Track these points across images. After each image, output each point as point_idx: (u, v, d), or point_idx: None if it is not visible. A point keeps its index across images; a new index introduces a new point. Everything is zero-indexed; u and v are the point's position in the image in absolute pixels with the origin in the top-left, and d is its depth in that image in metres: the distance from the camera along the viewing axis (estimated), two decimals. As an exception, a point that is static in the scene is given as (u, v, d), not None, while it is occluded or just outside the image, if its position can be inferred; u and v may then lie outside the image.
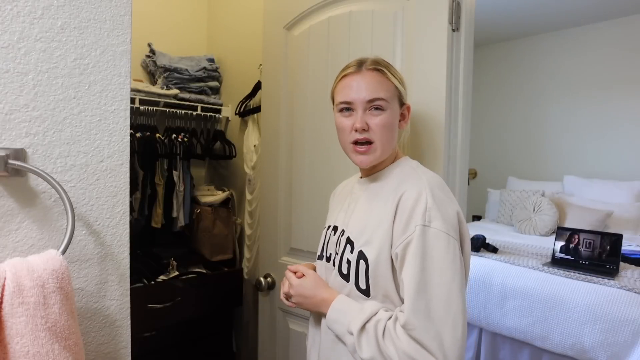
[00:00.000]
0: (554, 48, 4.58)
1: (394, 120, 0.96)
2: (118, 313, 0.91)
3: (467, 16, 1.22)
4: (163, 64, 2.29)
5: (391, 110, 0.95)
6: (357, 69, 0.96)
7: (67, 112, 0.83)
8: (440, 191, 0.89)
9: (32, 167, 0.76)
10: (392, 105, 0.95)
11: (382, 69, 0.95)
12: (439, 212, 0.84)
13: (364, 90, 0.93)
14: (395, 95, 0.96)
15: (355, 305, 0.91)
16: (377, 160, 0.96)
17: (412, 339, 0.80)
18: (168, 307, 2.01)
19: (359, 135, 0.94)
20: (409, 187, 0.90)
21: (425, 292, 0.81)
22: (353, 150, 0.96)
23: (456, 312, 0.80)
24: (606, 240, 2.47)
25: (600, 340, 2.04)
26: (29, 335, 0.66)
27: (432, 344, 0.78)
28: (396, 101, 0.96)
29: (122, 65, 0.90)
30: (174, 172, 2.24)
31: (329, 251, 1.04)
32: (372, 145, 0.94)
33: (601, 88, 4.24)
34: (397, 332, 0.82)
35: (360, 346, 0.85)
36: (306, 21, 1.53)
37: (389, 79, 0.95)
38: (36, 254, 0.74)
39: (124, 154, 0.91)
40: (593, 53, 4.30)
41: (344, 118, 0.97)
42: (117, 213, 0.91)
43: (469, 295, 2.54)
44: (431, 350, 0.78)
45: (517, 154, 4.88)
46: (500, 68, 5.02)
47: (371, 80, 0.94)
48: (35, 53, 0.79)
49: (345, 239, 0.98)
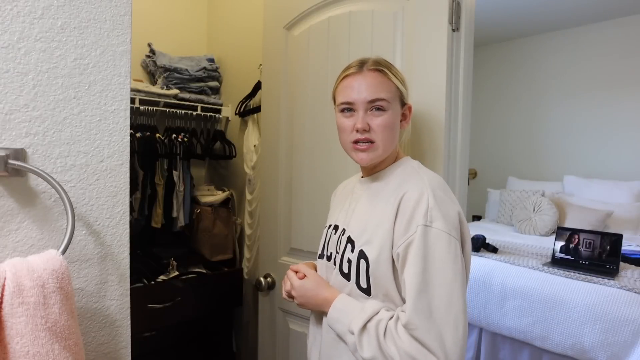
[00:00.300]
0: (554, 48, 4.58)
1: (395, 120, 0.96)
2: (118, 313, 0.91)
3: (467, 16, 1.22)
4: (163, 64, 2.29)
5: (392, 111, 0.95)
6: (358, 70, 0.96)
7: (67, 112, 0.83)
8: (441, 192, 0.89)
9: (32, 167, 0.76)
10: (394, 105, 0.95)
11: (383, 70, 0.95)
12: (441, 213, 0.85)
13: (365, 91, 0.93)
14: (397, 96, 0.96)
15: (357, 305, 0.91)
16: (377, 159, 0.96)
17: (413, 338, 0.80)
18: (168, 307, 2.01)
19: (360, 135, 0.94)
20: (411, 188, 0.90)
21: (426, 292, 0.81)
22: (353, 149, 0.96)
23: (457, 312, 0.81)
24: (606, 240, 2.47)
25: (600, 340, 2.04)
26: (29, 335, 0.66)
27: (434, 344, 0.78)
28: (397, 101, 0.96)
29: (122, 65, 0.90)
30: (174, 172, 2.24)
31: (330, 250, 1.04)
32: (373, 144, 0.94)
33: (601, 88, 4.25)
34: (398, 332, 0.82)
35: (362, 345, 0.86)
36: (306, 21, 1.53)
37: (390, 80, 0.95)
38: (36, 254, 0.74)
39: (124, 154, 0.91)
40: (594, 53, 4.30)
41: (345, 118, 0.97)
42: (117, 213, 0.91)
43: (469, 296, 2.54)
44: (433, 350, 0.78)
45: (517, 154, 4.88)
46: (500, 68, 5.02)
47: (372, 81, 0.94)
48: (35, 53, 0.79)
49: (346, 238, 0.99)
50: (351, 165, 1.36)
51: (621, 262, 2.49)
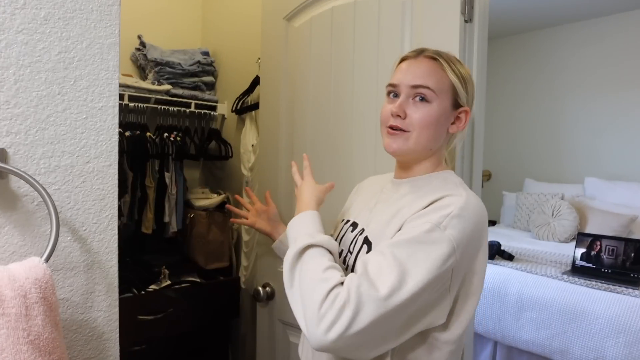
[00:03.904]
0: (572, 40, 4.57)
1: (440, 116, 0.91)
2: (106, 325, 0.91)
3: (481, 6, 1.22)
4: (154, 58, 2.29)
5: (439, 105, 0.91)
6: (415, 55, 0.95)
7: (51, 109, 0.83)
8: (474, 213, 0.85)
9: (13, 168, 0.76)
10: (441, 99, 0.91)
11: (439, 60, 0.93)
12: (461, 225, 0.81)
13: (411, 74, 0.91)
14: (449, 91, 0.92)
15: (309, 228, 0.93)
16: (406, 152, 0.93)
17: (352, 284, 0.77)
18: (159, 318, 2.01)
19: (393, 121, 0.92)
20: (448, 195, 0.87)
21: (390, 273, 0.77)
22: (386, 133, 0.94)
23: (404, 322, 0.77)
24: (630, 247, 2.47)
25: (624, 354, 2.03)
26: (9, 349, 0.66)
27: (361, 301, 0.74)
28: (448, 97, 0.92)
29: (110, 59, 0.90)
30: (165, 174, 2.24)
31: (342, 247, 1.03)
32: (405, 133, 0.91)
33: (623, 83, 4.23)
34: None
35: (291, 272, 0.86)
36: (308, 11, 1.53)
37: (444, 71, 0.92)
38: (18, 262, 0.73)
39: (112, 154, 0.91)
40: (615, 45, 4.28)
41: (386, 103, 0.96)
42: (104, 218, 0.90)
43: (482, 306, 2.53)
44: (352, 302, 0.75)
45: (534, 154, 4.87)
46: (516, 62, 5.01)
47: (424, 67, 0.91)
48: (17, 46, 0.79)
49: (363, 238, 0.96)
50: (358, 165, 1.36)
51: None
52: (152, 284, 2.16)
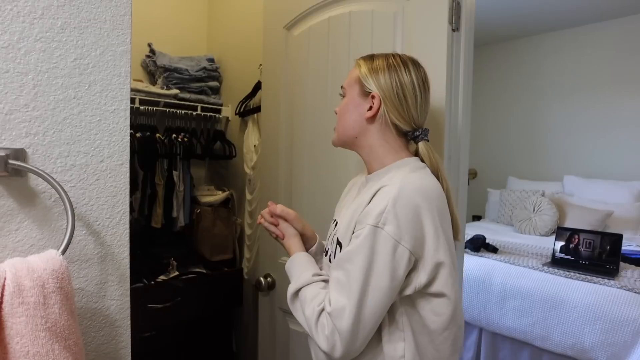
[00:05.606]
0: (554, 48, 4.58)
1: (348, 104, 1.00)
2: (118, 313, 0.91)
3: (467, 16, 1.22)
4: (163, 64, 2.29)
5: (348, 96, 1.00)
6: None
7: (67, 112, 0.83)
8: (413, 198, 0.82)
9: (32, 167, 0.76)
10: (350, 92, 0.99)
11: (357, 61, 1.01)
12: (396, 217, 0.81)
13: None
14: (356, 83, 0.98)
15: (300, 268, 0.98)
16: (337, 142, 1.03)
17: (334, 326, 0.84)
18: (168, 307, 2.01)
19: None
20: (384, 187, 0.87)
21: (349, 289, 0.83)
22: None
23: (369, 320, 0.82)
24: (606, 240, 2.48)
25: (601, 340, 2.04)
26: (29, 335, 0.66)
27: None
28: (355, 88, 0.98)
29: (122, 65, 0.90)
30: (174, 172, 2.24)
31: (328, 245, 1.04)
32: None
33: (601, 88, 4.24)
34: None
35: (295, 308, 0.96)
36: (306, 21, 1.53)
37: (356, 69, 1.00)
38: (36, 254, 0.74)
39: (124, 154, 0.91)
40: (593, 53, 4.30)
41: None
42: (117, 213, 0.91)
43: (468, 295, 2.54)
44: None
45: (517, 154, 4.88)
46: (500, 68, 5.02)
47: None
48: (35, 53, 0.79)
49: (336, 238, 0.97)
50: (352, 164, 1.36)
51: (621, 262, 2.49)
52: (161, 274, 2.16)
